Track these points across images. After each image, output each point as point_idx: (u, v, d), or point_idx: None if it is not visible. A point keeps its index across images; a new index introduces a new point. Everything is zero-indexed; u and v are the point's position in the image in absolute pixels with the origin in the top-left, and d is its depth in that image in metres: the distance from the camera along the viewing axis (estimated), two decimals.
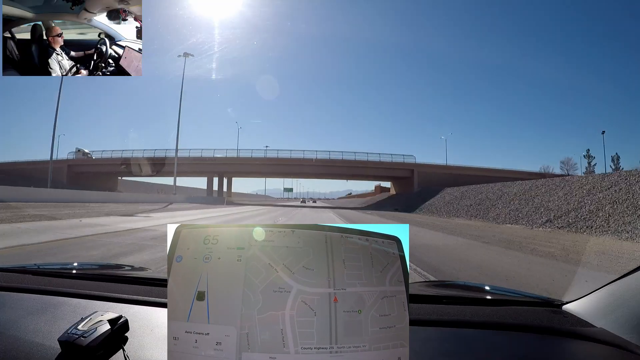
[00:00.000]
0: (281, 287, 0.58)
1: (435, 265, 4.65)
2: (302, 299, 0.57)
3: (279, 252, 0.60)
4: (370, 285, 0.62)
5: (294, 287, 0.58)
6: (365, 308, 0.60)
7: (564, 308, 0.97)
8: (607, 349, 0.76)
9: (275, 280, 0.58)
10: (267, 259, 0.59)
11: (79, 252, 4.83)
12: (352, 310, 0.59)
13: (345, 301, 0.59)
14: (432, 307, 0.98)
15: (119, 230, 7.61)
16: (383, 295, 0.62)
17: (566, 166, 50.26)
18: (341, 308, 0.59)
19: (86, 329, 0.68)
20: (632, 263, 5.07)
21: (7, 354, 0.69)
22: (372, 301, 0.61)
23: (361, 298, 0.61)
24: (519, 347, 0.80)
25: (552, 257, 5.62)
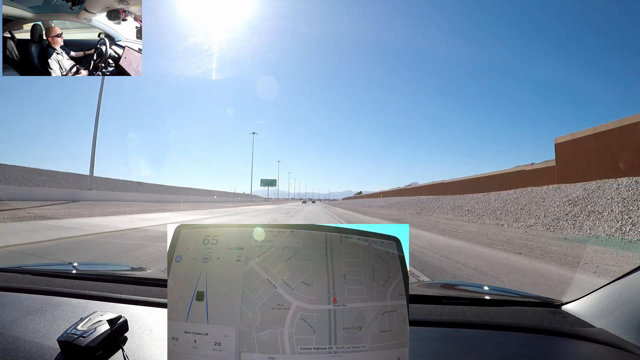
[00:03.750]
0: (280, 303, 0.56)
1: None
2: (301, 315, 0.56)
3: (277, 266, 0.58)
4: (371, 300, 0.61)
5: (293, 303, 0.57)
6: (366, 324, 0.59)
7: (563, 308, 0.97)
8: (606, 349, 0.76)
9: (274, 296, 0.57)
10: (266, 275, 0.58)
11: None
12: (352, 327, 0.58)
13: (345, 318, 0.58)
14: (432, 307, 0.98)
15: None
16: (384, 311, 0.61)
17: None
18: (341, 325, 0.58)
19: (85, 329, 0.68)
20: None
21: (7, 354, 0.69)
22: (372, 317, 0.60)
23: (361, 314, 0.60)
24: (518, 348, 0.80)
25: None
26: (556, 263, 5.01)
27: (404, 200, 36.03)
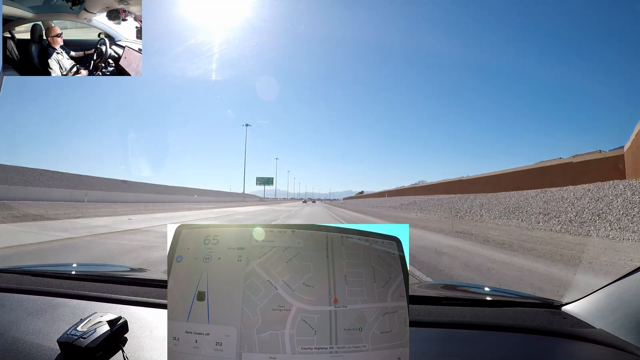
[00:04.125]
0: (281, 305, 0.56)
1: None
2: (302, 317, 0.56)
3: (278, 267, 0.58)
4: (371, 301, 0.61)
5: (294, 305, 0.57)
6: (366, 325, 0.59)
7: (563, 309, 0.97)
8: (607, 350, 0.76)
9: (275, 298, 0.57)
10: (267, 276, 0.58)
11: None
12: (353, 328, 0.58)
13: (346, 319, 0.58)
14: (432, 308, 0.98)
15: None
16: (384, 312, 0.62)
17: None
18: (342, 326, 0.58)
19: (85, 330, 0.68)
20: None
21: (7, 355, 0.69)
22: (373, 318, 0.60)
23: (362, 315, 0.60)
24: (518, 348, 0.80)
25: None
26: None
27: (420, 200, 30.34)
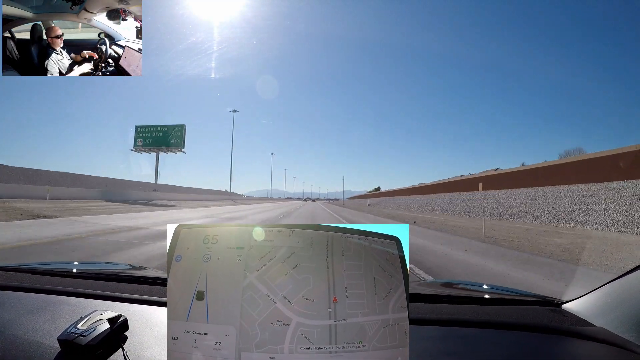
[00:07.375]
0: (280, 319, 0.55)
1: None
2: (301, 332, 0.56)
3: (277, 280, 0.57)
4: (372, 314, 0.60)
5: (293, 319, 0.56)
6: (367, 339, 0.59)
7: (563, 307, 0.97)
8: (607, 348, 0.76)
9: (274, 312, 0.56)
10: (265, 289, 0.57)
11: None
12: (353, 342, 0.58)
13: (347, 333, 0.58)
14: (432, 306, 0.98)
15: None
16: (385, 324, 0.61)
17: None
18: (342, 340, 0.57)
19: (85, 327, 0.68)
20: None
21: (7, 353, 0.69)
22: (373, 331, 0.59)
23: (362, 329, 0.59)
24: (518, 346, 0.80)
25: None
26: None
27: (457, 199, 24.46)
